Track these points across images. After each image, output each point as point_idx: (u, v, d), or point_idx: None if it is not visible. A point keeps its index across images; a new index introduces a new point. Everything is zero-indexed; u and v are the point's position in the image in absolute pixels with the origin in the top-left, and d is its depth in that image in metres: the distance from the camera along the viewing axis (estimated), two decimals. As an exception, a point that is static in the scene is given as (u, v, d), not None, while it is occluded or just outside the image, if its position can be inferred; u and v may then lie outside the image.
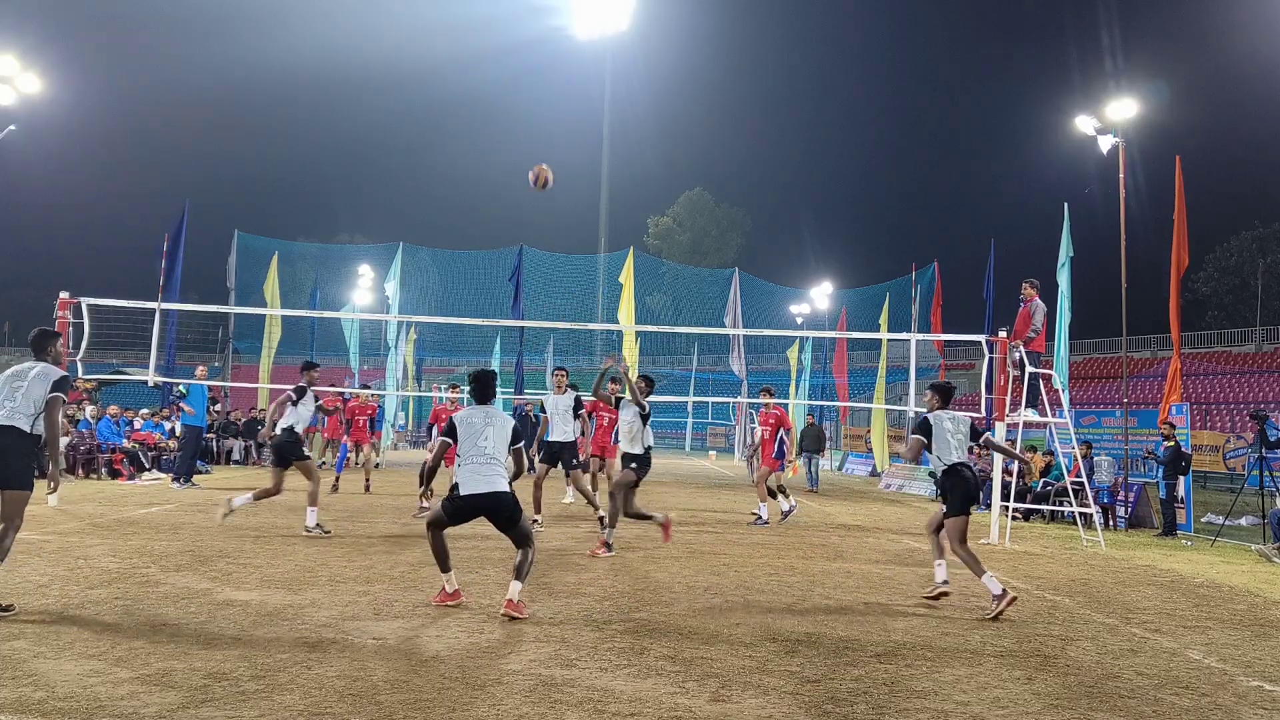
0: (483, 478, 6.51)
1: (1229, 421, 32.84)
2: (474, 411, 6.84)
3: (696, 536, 11.45)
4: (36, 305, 63.03)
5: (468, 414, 6.81)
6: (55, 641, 5.24)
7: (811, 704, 4.64)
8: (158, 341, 14.12)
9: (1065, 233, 15.36)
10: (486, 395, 7.01)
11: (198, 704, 4.25)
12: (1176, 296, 15.68)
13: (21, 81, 19.61)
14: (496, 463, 6.62)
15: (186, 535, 9.80)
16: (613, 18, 64.48)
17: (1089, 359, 49.65)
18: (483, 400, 6.97)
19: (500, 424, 6.75)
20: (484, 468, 6.55)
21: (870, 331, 30.26)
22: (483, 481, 6.50)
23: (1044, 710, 4.69)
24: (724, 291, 33.31)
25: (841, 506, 17.53)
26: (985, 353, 16.62)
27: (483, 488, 6.48)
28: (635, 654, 5.47)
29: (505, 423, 6.80)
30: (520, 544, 6.57)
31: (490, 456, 6.60)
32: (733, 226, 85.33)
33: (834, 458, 35.18)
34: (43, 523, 10.31)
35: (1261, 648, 6.34)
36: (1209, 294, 60.12)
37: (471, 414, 6.81)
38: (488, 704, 4.42)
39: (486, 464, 6.56)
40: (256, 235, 32.58)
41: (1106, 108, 17.20)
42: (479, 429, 6.66)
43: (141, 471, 17.59)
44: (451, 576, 6.68)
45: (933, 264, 28.15)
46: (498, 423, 6.75)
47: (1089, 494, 13.30)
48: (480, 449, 6.60)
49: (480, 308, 42.79)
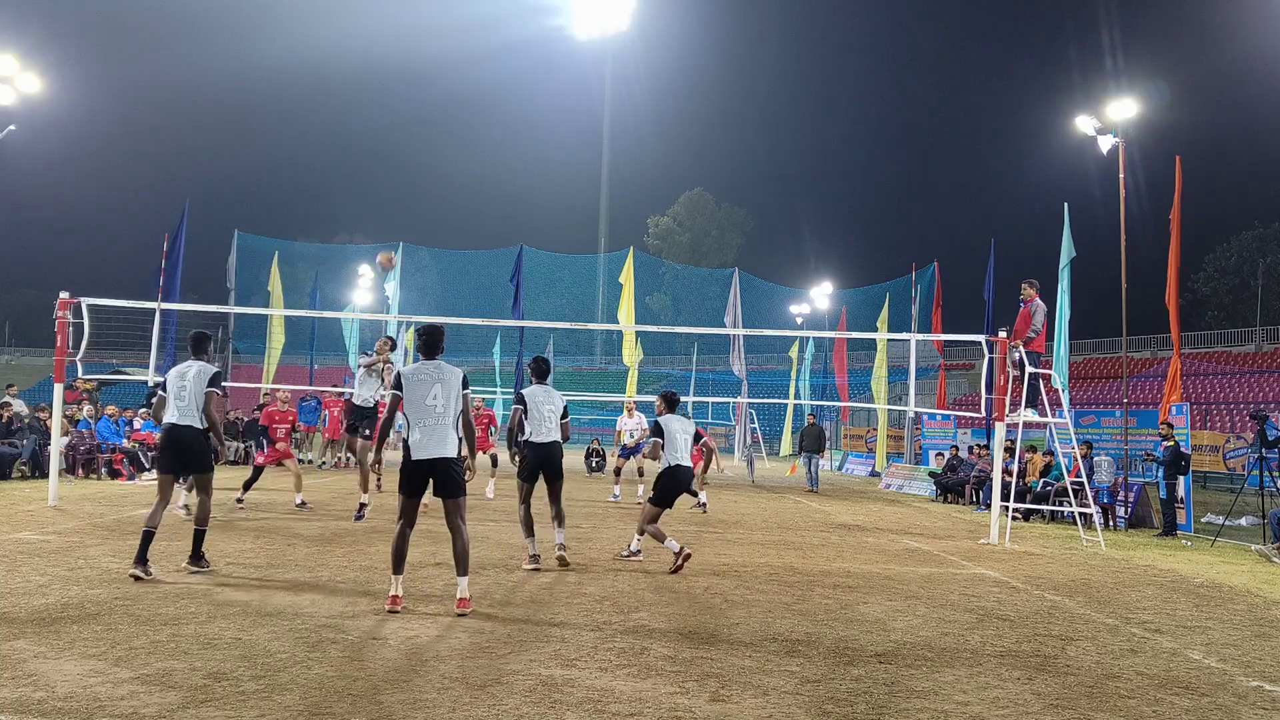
0: (434, 441, 6.30)
1: (1229, 421, 32.85)
2: (422, 367, 6.50)
3: (697, 537, 11.45)
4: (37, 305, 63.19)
5: (415, 369, 6.49)
6: (55, 641, 5.24)
7: (811, 704, 4.64)
8: (157, 341, 14.10)
9: (1066, 233, 15.37)
10: (435, 349, 6.60)
11: (198, 704, 4.25)
12: (1176, 297, 15.68)
13: (21, 81, 19.63)
14: (446, 423, 6.37)
15: (186, 535, 9.78)
16: (613, 18, 64.58)
17: (1089, 359, 49.65)
18: (431, 354, 6.57)
19: (449, 380, 6.45)
20: (434, 430, 6.32)
21: (870, 331, 30.27)
22: (434, 445, 6.30)
23: (1044, 710, 4.69)
24: (724, 291, 33.32)
25: (841, 506, 17.53)
26: (985, 353, 16.62)
27: (433, 452, 6.30)
28: (635, 654, 5.47)
29: (454, 377, 6.49)
30: (455, 518, 6.38)
31: (438, 415, 6.34)
32: (733, 226, 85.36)
33: (834, 458, 35.20)
34: (43, 523, 10.31)
35: (1261, 648, 6.34)
36: (1209, 294, 60.14)
37: (419, 369, 6.48)
38: (488, 704, 4.42)
39: (437, 425, 6.33)
40: (256, 235, 32.61)
41: (1106, 108, 17.21)
42: (427, 386, 6.39)
43: (141, 471, 17.59)
44: (400, 580, 6.40)
45: (933, 264, 28.17)
46: (447, 378, 6.45)
47: (1089, 494, 13.30)
48: (429, 409, 6.34)
49: (480, 308, 42.81)
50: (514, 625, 6.09)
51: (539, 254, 37.51)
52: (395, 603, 6.34)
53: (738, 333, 26.38)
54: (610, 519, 13.37)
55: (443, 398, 6.39)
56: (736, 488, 21.60)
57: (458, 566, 6.43)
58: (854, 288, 44.13)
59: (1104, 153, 16.45)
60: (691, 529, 12.33)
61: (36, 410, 18.21)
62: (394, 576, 6.41)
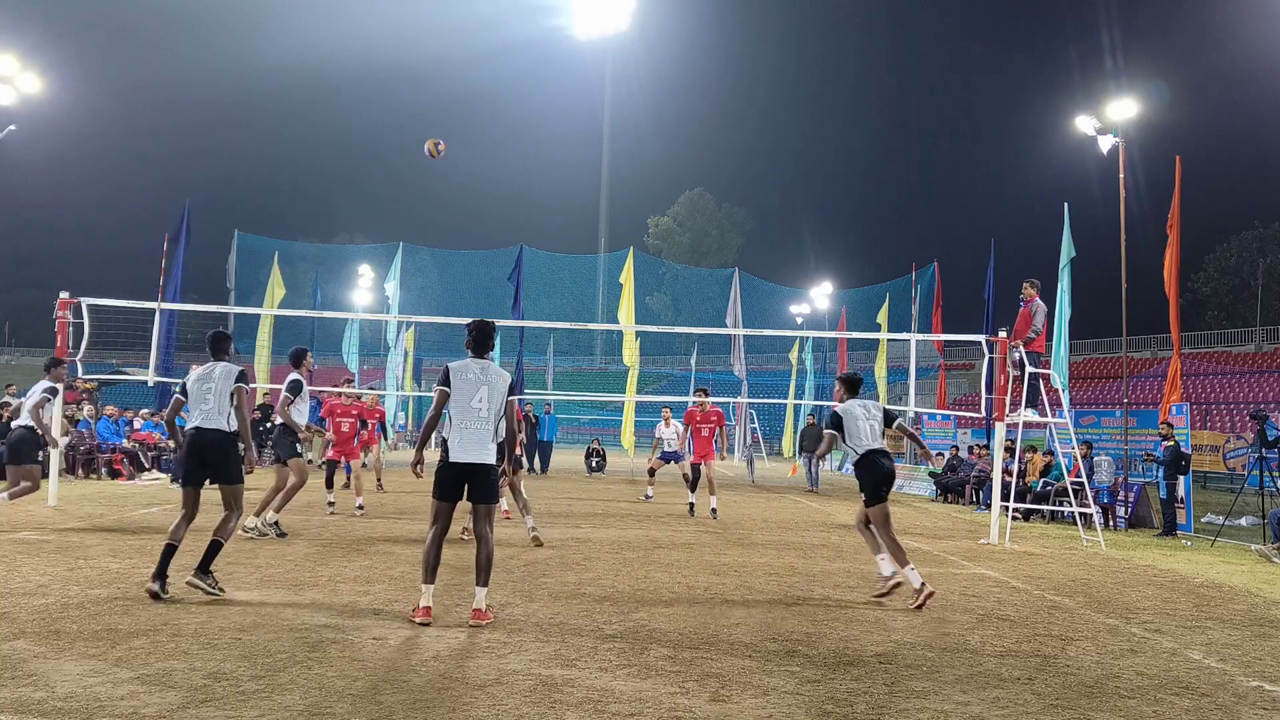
0: (474, 445, 6.12)
1: (1229, 421, 32.85)
2: (470, 364, 6.27)
3: (697, 537, 11.45)
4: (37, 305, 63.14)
5: (463, 366, 6.26)
6: (55, 641, 5.24)
7: (811, 704, 4.64)
8: (157, 341, 14.11)
9: (1066, 233, 15.36)
10: (484, 346, 6.39)
11: (198, 704, 4.25)
12: (1176, 296, 15.68)
13: (21, 81, 19.63)
14: (488, 428, 6.17)
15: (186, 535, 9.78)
16: (613, 18, 64.54)
17: (1089, 359, 49.65)
18: (481, 352, 6.35)
19: (496, 383, 6.22)
20: (476, 433, 6.13)
21: (870, 331, 30.27)
22: (474, 450, 6.12)
23: (1044, 710, 4.69)
24: (724, 291, 33.34)
25: (841, 506, 17.53)
26: (985, 353, 16.63)
27: (472, 456, 6.11)
28: (635, 654, 5.47)
29: (501, 381, 6.25)
30: (481, 525, 6.18)
31: (482, 420, 6.15)
32: (733, 226, 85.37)
33: (834, 458, 35.17)
34: (43, 523, 10.31)
35: (1261, 648, 6.34)
36: (1209, 294, 60.16)
37: (467, 366, 6.25)
38: (488, 704, 4.42)
39: (479, 428, 6.14)
40: (256, 235, 32.62)
41: (1106, 108, 17.21)
42: (473, 388, 6.17)
43: (141, 471, 17.60)
44: (432, 591, 6.09)
45: (933, 264, 28.18)
46: (494, 382, 6.22)
47: (1089, 494, 13.30)
48: (474, 411, 6.14)
49: (480, 308, 42.71)
50: (514, 625, 6.09)
51: (539, 254, 37.50)
52: (425, 614, 5.98)
53: (738, 333, 26.41)
54: (610, 520, 13.36)
55: (488, 402, 6.17)
56: (737, 488, 21.60)
57: (478, 575, 6.10)
58: (854, 288, 44.21)
59: (1104, 153, 16.45)
60: (692, 529, 12.34)
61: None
62: (424, 586, 6.07)
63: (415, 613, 6.04)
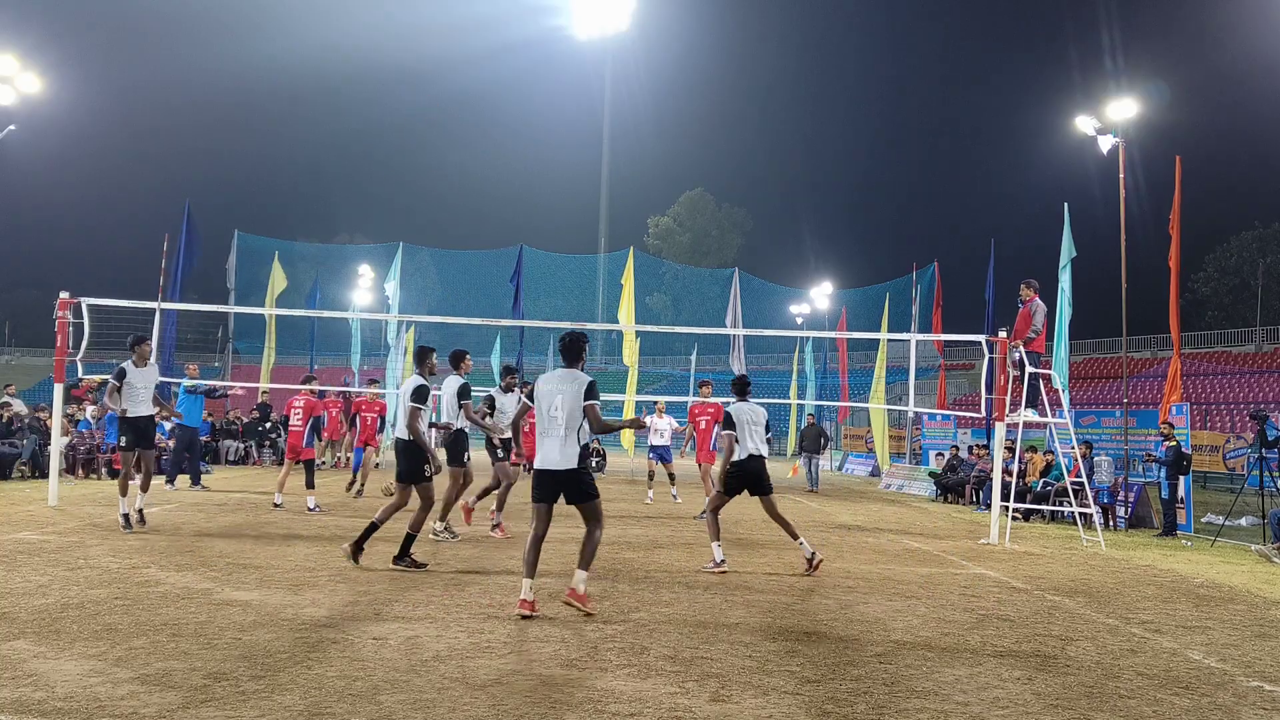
0: (554, 451, 6.44)
1: (1229, 421, 32.86)
2: (551, 376, 6.64)
3: (697, 537, 11.45)
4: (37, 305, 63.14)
5: (547, 378, 6.66)
6: (55, 641, 5.24)
7: (811, 704, 4.64)
8: (157, 341, 14.09)
9: (1066, 233, 15.35)
10: (572, 356, 6.71)
11: (198, 704, 4.25)
12: (1176, 296, 15.68)
13: (21, 81, 19.63)
14: (566, 434, 6.42)
15: (186, 535, 9.80)
16: (613, 18, 64.53)
17: (1089, 359, 49.67)
18: (571, 362, 6.68)
19: (569, 389, 6.47)
20: (554, 440, 6.44)
21: (870, 331, 30.25)
22: (553, 456, 6.44)
23: (1044, 710, 4.69)
24: (724, 291, 33.28)
25: (841, 506, 17.53)
26: (985, 353, 16.62)
27: (553, 463, 6.44)
28: (635, 654, 5.47)
29: (577, 386, 6.49)
30: (588, 522, 6.60)
31: (561, 425, 6.42)
32: (733, 226, 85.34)
33: (834, 458, 35.19)
34: (43, 523, 10.31)
35: (1261, 648, 6.34)
36: (1209, 294, 60.17)
37: (549, 378, 6.62)
38: (488, 704, 4.42)
39: (558, 435, 6.43)
40: (256, 235, 32.59)
41: (1106, 108, 17.21)
42: (551, 397, 6.48)
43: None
44: (531, 585, 6.41)
45: (933, 264, 28.14)
46: (568, 388, 6.48)
47: (1089, 494, 13.29)
48: (552, 419, 6.45)
49: (480, 308, 42.73)
50: (514, 625, 6.09)
51: (539, 254, 37.45)
52: (528, 607, 6.33)
53: (738, 333, 26.34)
54: (610, 519, 13.35)
55: (563, 409, 6.43)
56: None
57: (580, 559, 6.58)
58: (854, 288, 44.12)
59: (1104, 153, 16.46)
60: (692, 530, 12.34)
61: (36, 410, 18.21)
62: (525, 580, 6.44)
63: (520, 606, 6.38)
